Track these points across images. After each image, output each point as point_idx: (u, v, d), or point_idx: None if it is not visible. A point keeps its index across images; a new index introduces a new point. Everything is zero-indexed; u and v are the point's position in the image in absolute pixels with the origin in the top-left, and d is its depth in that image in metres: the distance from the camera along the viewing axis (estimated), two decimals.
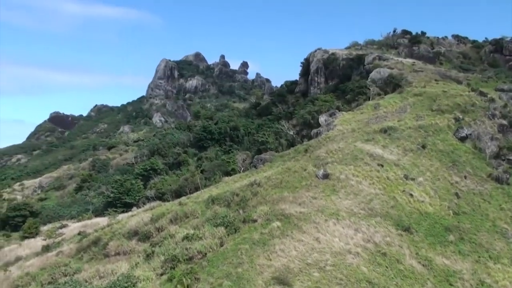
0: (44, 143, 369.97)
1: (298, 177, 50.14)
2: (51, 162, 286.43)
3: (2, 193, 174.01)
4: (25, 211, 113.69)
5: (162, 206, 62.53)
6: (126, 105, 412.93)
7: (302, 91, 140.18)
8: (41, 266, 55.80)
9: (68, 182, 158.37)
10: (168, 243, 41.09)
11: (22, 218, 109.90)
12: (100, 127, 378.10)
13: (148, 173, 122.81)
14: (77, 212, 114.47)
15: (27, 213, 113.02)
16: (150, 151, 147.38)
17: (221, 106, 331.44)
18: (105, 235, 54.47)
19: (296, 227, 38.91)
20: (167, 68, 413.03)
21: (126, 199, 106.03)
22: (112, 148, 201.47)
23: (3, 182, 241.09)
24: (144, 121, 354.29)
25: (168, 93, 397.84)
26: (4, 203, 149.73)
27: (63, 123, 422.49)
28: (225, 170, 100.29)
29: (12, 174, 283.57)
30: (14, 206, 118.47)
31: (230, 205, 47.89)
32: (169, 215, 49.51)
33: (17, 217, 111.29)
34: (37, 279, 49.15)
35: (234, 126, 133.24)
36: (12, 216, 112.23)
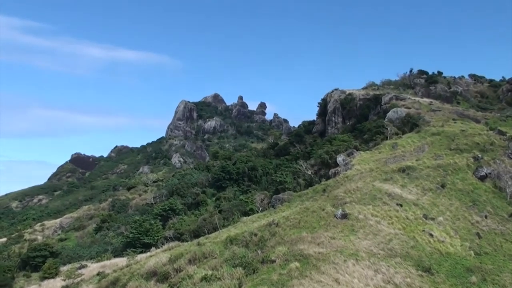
0: (65, 183, 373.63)
1: (317, 217, 50.03)
2: (72, 202, 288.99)
3: (24, 234, 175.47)
4: (45, 251, 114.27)
5: (180, 247, 62.55)
6: (146, 146, 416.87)
7: (320, 131, 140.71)
8: None
9: (88, 223, 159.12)
10: (187, 284, 40.97)
11: (42, 259, 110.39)
12: (120, 168, 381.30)
13: (167, 213, 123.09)
14: (97, 253, 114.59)
15: (47, 253, 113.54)
16: (169, 192, 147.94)
17: (239, 147, 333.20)
18: (124, 276, 54.45)
19: (315, 268, 38.65)
20: (186, 110, 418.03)
21: (145, 240, 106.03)
22: (131, 188, 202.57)
23: (24, 223, 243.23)
24: (163, 161, 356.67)
25: (187, 134, 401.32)
26: (25, 243, 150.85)
27: (84, 164, 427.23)
28: (243, 210, 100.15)
29: (33, 214, 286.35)
30: (35, 247, 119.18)
31: (249, 245, 47.78)
32: (188, 256, 49.46)
33: (38, 257, 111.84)
34: None
35: (252, 166, 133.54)
36: (32, 257, 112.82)
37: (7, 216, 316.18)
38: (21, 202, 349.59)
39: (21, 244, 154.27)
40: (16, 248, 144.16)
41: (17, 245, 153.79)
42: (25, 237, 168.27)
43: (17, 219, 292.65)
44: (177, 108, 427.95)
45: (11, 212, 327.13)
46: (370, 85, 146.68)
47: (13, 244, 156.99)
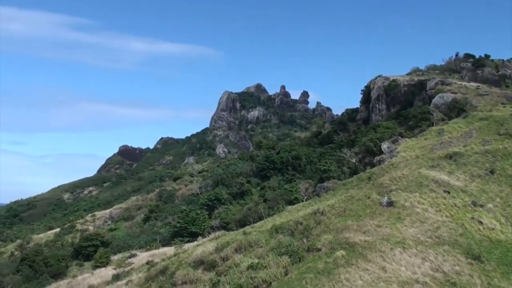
0: (113, 175, 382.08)
1: (362, 205, 49.75)
2: (120, 193, 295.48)
3: (75, 224, 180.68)
4: (96, 241, 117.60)
5: (226, 236, 63.29)
6: (191, 137, 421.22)
7: (364, 118, 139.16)
8: None
9: (137, 213, 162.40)
10: (233, 272, 41.49)
11: (94, 248, 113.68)
12: (166, 159, 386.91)
13: (213, 203, 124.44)
14: (145, 242, 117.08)
15: (98, 243, 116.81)
16: (214, 182, 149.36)
17: (282, 136, 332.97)
18: (172, 264, 55.53)
19: (361, 256, 38.54)
20: (229, 100, 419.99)
21: (192, 229, 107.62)
22: (177, 179, 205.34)
23: (76, 214, 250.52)
24: (208, 152, 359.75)
25: (231, 124, 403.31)
26: (77, 233, 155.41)
27: (131, 155, 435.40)
28: (288, 199, 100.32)
29: (84, 205, 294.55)
30: (87, 237, 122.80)
31: (294, 234, 47.98)
32: (234, 245, 50.04)
33: (89, 247, 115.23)
34: None
35: (296, 155, 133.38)
36: (84, 246, 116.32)
37: (60, 207, 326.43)
38: (72, 194, 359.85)
39: (73, 234, 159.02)
40: (69, 238, 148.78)
41: (70, 235, 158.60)
42: (77, 227, 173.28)
43: (69, 210, 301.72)
44: (220, 99, 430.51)
45: (63, 203, 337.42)
46: (415, 70, 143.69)
47: (66, 234, 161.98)
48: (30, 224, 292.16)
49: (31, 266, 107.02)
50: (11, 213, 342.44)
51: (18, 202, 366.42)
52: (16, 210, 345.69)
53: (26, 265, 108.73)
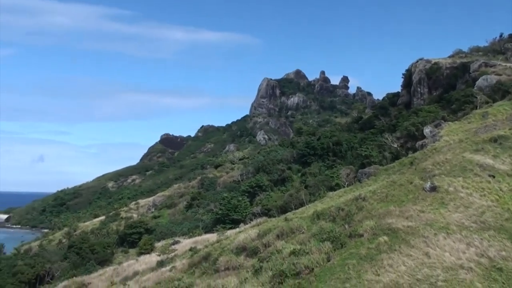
0: (156, 163, 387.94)
1: (404, 191, 49.17)
2: (163, 181, 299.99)
3: (120, 212, 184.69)
4: (140, 228, 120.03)
5: (268, 222, 63.50)
6: (231, 125, 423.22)
7: (405, 102, 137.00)
8: (156, 281, 58.57)
9: (179, 200, 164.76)
10: (276, 258, 41.71)
11: (138, 235, 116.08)
12: (207, 147, 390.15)
13: (254, 190, 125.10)
14: (188, 229, 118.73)
15: (142, 230, 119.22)
16: (255, 169, 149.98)
17: (323, 122, 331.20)
18: (215, 251, 56.16)
19: (404, 242, 38.18)
20: (269, 87, 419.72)
21: (234, 216, 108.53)
22: (219, 166, 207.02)
23: (120, 202, 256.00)
24: (248, 139, 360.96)
25: (271, 111, 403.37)
26: (121, 221, 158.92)
27: (173, 144, 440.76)
28: (329, 185, 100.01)
29: (128, 194, 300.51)
30: (131, 224, 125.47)
31: (336, 220, 47.84)
32: (276, 231, 50.23)
33: (134, 234, 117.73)
34: None
35: (336, 141, 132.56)
36: (129, 233, 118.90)
37: (104, 196, 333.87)
38: (116, 182, 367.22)
39: (118, 222, 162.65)
40: (114, 226, 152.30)
41: (115, 222, 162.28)
42: (121, 215, 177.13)
43: (113, 198, 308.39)
44: (260, 86, 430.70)
45: (108, 191, 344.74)
46: (457, 53, 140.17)
47: (111, 222, 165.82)
48: (76, 212, 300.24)
49: (78, 253, 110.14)
50: (58, 202, 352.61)
51: (64, 191, 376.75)
52: (63, 198, 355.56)
53: (73, 252, 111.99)
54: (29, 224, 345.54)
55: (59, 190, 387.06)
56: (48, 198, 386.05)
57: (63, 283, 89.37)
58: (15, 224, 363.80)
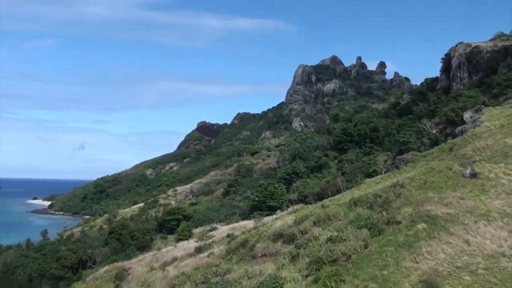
0: (193, 151, 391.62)
1: (444, 177, 48.36)
2: (200, 168, 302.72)
3: (158, 199, 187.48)
4: (178, 215, 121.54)
5: (305, 209, 63.42)
6: (267, 112, 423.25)
7: (444, 87, 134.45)
8: (194, 267, 59.32)
9: (216, 187, 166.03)
10: (312, 245, 41.71)
11: (176, 222, 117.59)
12: (243, 134, 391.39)
13: (290, 177, 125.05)
14: (225, 216, 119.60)
15: (180, 217, 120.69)
16: (292, 156, 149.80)
17: (359, 108, 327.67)
18: (252, 237, 56.47)
19: (443, 229, 37.62)
20: (305, 74, 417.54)
21: (270, 203, 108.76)
22: (255, 153, 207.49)
23: (158, 189, 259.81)
24: (284, 126, 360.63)
25: (307, 98, 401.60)
26: (160, 208, 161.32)
27: (209, 131, 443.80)
28: (366, 172, 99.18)
29: (166, 181, 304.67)
30: (169, 211, 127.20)
31: (373, 207, 47.46)
32: (312, 218, 50.16)
33: (172, 220, 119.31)
34: (192, 279, 52.40)
35: (373, 127, 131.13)
36: (167, 220, 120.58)
37: (143, 183, 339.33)
38: (154, 170, 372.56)
39: (156, 208, 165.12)
40: (153, 212, 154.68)
41: (153, 209, 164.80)
42: (159, 202, 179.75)
43: (151, 185, 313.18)
44: (296, 72, 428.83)
45: (146, 179, 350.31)
46: (499, 36, 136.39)
47: (150, 209, 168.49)
48: (116, 199, 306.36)
49: (119, 239, 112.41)
50: (98, 189, 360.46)
51: (104, 179, 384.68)
52: (103, 186, 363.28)
53: (114, 238, 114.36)
54: (71, 211, 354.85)
55: (99, 178, 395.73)
56: (89, 186, 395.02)
57: (105, 268, 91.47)
58: (58, 210, 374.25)
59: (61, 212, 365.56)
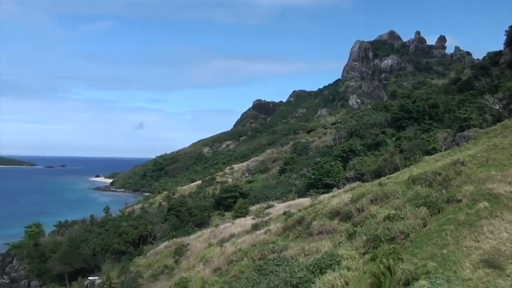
0: (249, 129, 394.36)
1: (507, 154, 46.80)
2: (256, 146, 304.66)
3: (215, 177, 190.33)
4: (235, 192, 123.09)
5: (362, 187, 62.90)
6: (323, 89, 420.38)
7: (508, 61, 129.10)
8: (251, 243, 60.14)
9: (272, 165, 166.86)
10: (370, 223, 41.42)
11: (233, 199, 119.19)
12: (299, 112, 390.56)
13: (347, 155, 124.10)
14: (282, 193, 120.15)
15: (237, 194, 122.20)
16: (348, 133, 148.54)
17: (418, 84, 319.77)
18: (308, 215, 56.58)
19: (506, 208, 36.53)
20: (361, 50, 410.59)
21: (327, 180, 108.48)
22: (311, 131, 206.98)
23: (215, 167, 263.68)
24: (340, 103, 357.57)
25: (363, 75, 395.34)
26: (217, 185, 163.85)
27: (265, 109, 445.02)
28: (425, 149, 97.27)
29: (222, 159, 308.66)
30: (226, 188, 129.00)
31: (432, 185, 46.52)
32: (369, 196, 49.72)
33: (229, 198, 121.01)
34: (249, 255, 53.21)
35: (433, 103, 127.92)
36: (224, 197, 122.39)
37: (200, 161, 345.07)
38: (211, 148, 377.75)
39: (214, 186, 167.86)
40: (210, 190, 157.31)
41: (211, 187, 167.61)
42: (217, 179, 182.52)
43: (209, 163, 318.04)
44: (352, 49, 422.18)
45: (203, 157, 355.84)
46: None
47: (207, 186, 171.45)
48: (174, 177, 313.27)
49: (177, 215, 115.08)
50: (157, 167, 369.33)
51: (163, 157, 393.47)
52: (161, 164, 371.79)
53: (173, 215, 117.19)
54: (131, 188, 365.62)
55: (158, 156, 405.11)
56: (148, 164, 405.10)
57: (164, 243, 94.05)
58: (119, 188, 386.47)
59: (122, 189, 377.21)
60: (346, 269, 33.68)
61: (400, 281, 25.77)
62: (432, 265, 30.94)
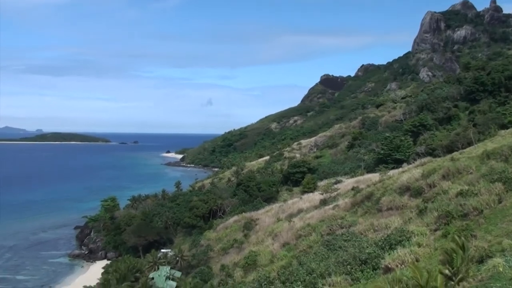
0: (316, 104, 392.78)
1: None
2: (324, 122, 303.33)
3: (283, 152, 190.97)
4: (303, 168, 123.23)
5: (433, 162, 61.55)
6: (392, 63, 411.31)
7: None
8: (319, 218, 60.39)
9: (340, 140, 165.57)
10: (441, 199, 40.57)
11: (301, 174, 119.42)
12: (368, 86, 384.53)
13: (417, 129, 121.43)
14: (350, 169, 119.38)
15: (305, 169, 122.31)
16: (419, 107, 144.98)
17: (493, 55, 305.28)
18: (378, 191, 56.06)
19: None
20: (433, 21, 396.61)
21: (396, 156, 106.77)
22: (380, 106, 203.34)
23: (283, 142, 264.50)
24: (410, 77, 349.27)
25: (435, 46, 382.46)
26: (285, 160, 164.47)
27: (333, 84, 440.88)
28: (501, 123, 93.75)
29: (290, 134, 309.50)
30: (294, 164, 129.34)
31: (508, 160, 44.86)
32: (441, 171, 48.58)
33: (297, 173, 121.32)
34: (317, 230, 53.50)
35: (509, 75, 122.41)
36: (292, 173, 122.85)
37: (268, 136, 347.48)
38: (279, 124, 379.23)
39: (281, 161, 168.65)
40: (278, 165, 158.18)
41: (278, 162, 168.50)
42: (284, 155, 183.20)
43: (276, 139, 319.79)
44: (423, 20, 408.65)
45: (271, 132, 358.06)
46: None
47: (275, 162, 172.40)
48: (242, 152, 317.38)
49: (246, 190, 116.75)
50: (226, 143, 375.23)
51: (231, 133, 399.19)
52: (230, 139, 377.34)
53: (241, 190, 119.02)
54: (201, 163, 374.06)
55: (227, 132, 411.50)
56: (217, 139, 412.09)
57: (233, 218, 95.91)
58: (189, 163, 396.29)
59: (192, 164, 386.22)
60: (416, 245, 33.24)
61: (473, 259, 25.15)
62: (508, 243, 30.00)
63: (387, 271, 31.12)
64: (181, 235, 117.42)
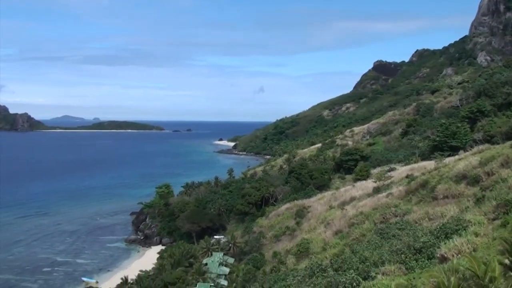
0: (369, 91, 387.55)
1: None
2: (377, 108, 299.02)
3: (335, 139, 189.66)
4: (356, 155, 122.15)
5: (491, 149, 59.63)
6: (448, 47, 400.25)
7: None
8: (373, 207, 59.69)
9: (394, 127, 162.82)
10: (500, 188, 39.28)
11: (354, 162, 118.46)
12: (423, 72, 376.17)
13: (475, 116, 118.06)
14: (404, 156, 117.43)
15: (358, 157, 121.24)
16: (476, 93, 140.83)
17: None
18: (433, 178, 54.86)
19: None
20: (492, 3, 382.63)
21: (452, 143, 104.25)
22: (435, 92, 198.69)
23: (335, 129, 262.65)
24: (467, 61, 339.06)
25: (494, 30, 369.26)
26: (337, 148, 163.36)
27: (386, 70, 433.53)
28: None
29: (342, 121, 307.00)
30: (347, 151, 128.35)
31: None
32: (500, 159, 47.02)
33: (350, 161, 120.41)
34: (370, 218, 52.95)
35: None
36: (345, 160, 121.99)
37: (320, 124, 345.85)
38: (331, 111, 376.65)
39: (334, 149, 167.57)
40: (330, 153, 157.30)
41: (331, 149, 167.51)
42: (337, 142, 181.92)
43: (328, 126, 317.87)
44: (481, 2, 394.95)
45: (323, 120, 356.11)
46: None
47: (327, 149, 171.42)
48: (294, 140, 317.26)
49: (298, 178, 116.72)
50: (278, 130, 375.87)
51: (283, 120, 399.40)
52: (282, 127, 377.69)
53: (293, 177, 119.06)
54: (252, 151, 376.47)
55: (278, 119, 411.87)
56: (269, 127, 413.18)
57: (286, 205, 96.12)
58: (241, 150, 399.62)
59: (244, 152, 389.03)
60: (474, 234, 32.35)
61: None
62: None
63: (443, 260, 30.44)
64: (233, 222, 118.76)
